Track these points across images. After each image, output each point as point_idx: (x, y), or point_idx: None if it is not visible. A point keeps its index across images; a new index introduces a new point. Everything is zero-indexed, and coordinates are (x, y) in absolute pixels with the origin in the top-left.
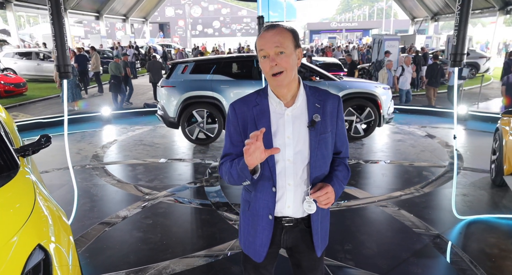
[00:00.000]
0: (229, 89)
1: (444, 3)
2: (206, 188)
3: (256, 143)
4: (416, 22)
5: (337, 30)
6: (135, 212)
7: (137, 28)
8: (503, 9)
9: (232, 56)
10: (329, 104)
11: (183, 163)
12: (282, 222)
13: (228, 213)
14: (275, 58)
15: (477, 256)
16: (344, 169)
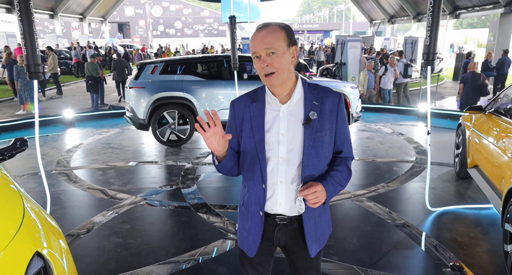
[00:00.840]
0: (200, 89)
1: (400, 6)
2: (182, 190)
3: (214, 128)
4: (374, 24)
5: (299, 31)
6: (111, 217)
7: (95, 27)
8: (453, 13)
9: (203, 56)
10: (328, 102)
11: (156, 166)
12: (276, 219)
13: (208, 214)
14: (266, 59)
15: (450, 245)
16: (344, 169)
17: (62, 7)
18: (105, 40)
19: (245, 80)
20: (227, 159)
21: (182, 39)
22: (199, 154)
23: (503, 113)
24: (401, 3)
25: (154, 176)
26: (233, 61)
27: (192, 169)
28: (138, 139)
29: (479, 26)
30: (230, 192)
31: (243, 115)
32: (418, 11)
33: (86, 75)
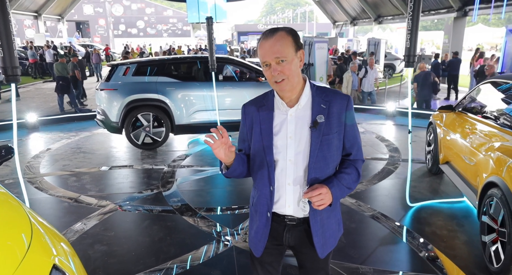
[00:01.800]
0: (175, 91)
1: (361, 9)
2: (164, 193)
3: (221, 139)
4: (337, 25)
5: None
6: (92, 225)
7: (50, 26)
8: None
9: (177, 57)
10: (336, 105)
11: (133, 170)
12: (285, 220)
13: (193, 218)
14: (277, 67)
15: (431, 238)
16: (352, 171)
17: (14, 4)
18: (62, 39)
19: (220, 82)
20: (234, 167)
21: (145, 39)
22: (176, 156)
23: (472, 111)
24: (363, 6)
25: (133, 180)
26: (210, 62)
27: (171, 172)
28: (110, 142)
29: (433, 28)
30: (213, 195)
31: (252, 119)
32: (379, 13)
33: (56, 76)
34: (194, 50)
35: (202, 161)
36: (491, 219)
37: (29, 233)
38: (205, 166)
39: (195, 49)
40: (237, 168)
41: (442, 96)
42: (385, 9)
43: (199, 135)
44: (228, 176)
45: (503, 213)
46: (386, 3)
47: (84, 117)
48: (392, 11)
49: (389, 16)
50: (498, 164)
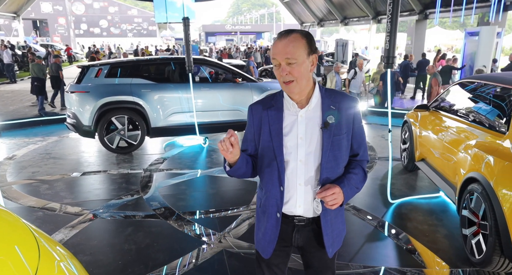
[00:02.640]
0: (151, 93)
1: (328, 10)
2: (144, 198)
3: (230, 148)
4: (305, 26)
5: (232, 32)
6: (72, 234)
7: (4, 24)
8: (375, 18)
9: (152, 59)
10: (344, 106)
11: (109, 175)
12: (294, 220)
13: (179, 222)
14: (286, 68)
15: (414, 234)
16: (360, 171)
17: None
18: (18, 38)
19: (197, 83)
20: (238, 165)
21: (109, 38)
22: (154, 160)
23: (447, 110)
24: (329, 7)
25: (110, 186)
26: (187, 63)
27: (150, 177)
28: (81, 147)
29: None
30: (196, 198)
31: (261, 120)
32: (345, 15)
33: (32, 77)
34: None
35: (181, 164)
36: (472, 213)
37: (36, 251)
38: (185, 169)
39: (172, 50)
40: (241, 167)
41: (408, 95)
42: (350, 11)
43: (175, 138)
44: (231, 174)
45: (484, 207)
46: (351, 5)
47: (51, 121)
48: (358, 13)
49: (354, 18)
50: (476, 160)
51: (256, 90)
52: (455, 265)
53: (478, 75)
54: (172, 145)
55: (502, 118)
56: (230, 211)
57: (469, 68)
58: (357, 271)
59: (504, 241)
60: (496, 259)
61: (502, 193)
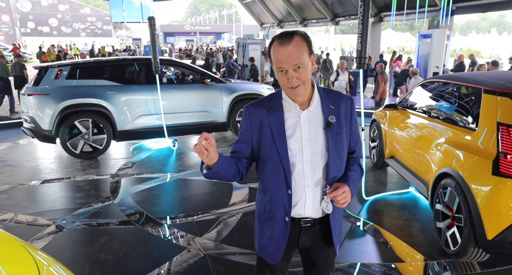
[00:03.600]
0: (116, 95)
1: (287, 12)
2: (117, 205)
3: (204, 151)
4: (265, 27)
5: (191, 33)
6: (41, 246)
7: None
8: (333, 20)
9: (116, 59)
10: (343, 105)
11: (76, 182)
12: (301, 223)
13: (156, 228)
14: (294, 74)
15: (391, 229)
16: (358, 168)
17: None
18: None
19: (165, 84)
20: (217, 168)
21: (60, 38)
22: (122, 165)
23: (414, 108)
24: (288, 9)
25: (77, 193)
26: (154, 64)
27: (119, 182)
28: (39, 153)
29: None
30: (171, 203)
31: (260, 123)
32: (304, 16)
33: None
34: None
35: (151, 167)
36: (445, 206)
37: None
38: (156, 172)
39: (134, 50)
40: (220, 171)
41: (368, 95)
42: (309, 13)
43: (143, 141)
44: (208, 177)
45: (459, 201)
46: (310, 6)
47: (2, 126)
48: (316, 15)
49: (313, 20)
50: (448, 156)
51: (225, 91)
52: (431, 257)
53: (445, 75)
54: (140, 148)
55: (471, 116)
56: (209, 214)
57: (423, 69)
58: (342, 269)
59: (479, 232)
60: (471, 250)
61: (475, 187)
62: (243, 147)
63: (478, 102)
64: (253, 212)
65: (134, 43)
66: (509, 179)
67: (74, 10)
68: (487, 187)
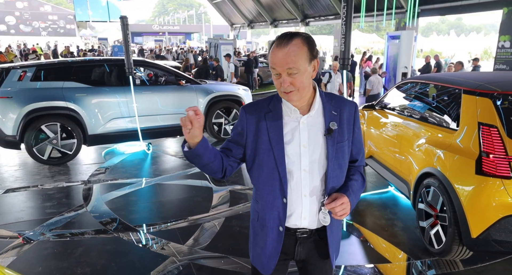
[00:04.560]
0: (87, 97)
1: (258, 12)
2: (91, 213)
3: (188, 124)
4: (235, 28)
5: (159, 32)
6: (9, 261)
7: None
8: (304, 21)
9: (87, 60)
10: (346, 111)
11: (45, 190)
12: (297, 233)
13: (135, 236)
14: (287, 79)
15: (374, 229)
16: (359, 178)
17: None
18: None
19: (138, 86)
20: (198, 151)
21: (19, 37)
22: (94, 170)
23: (392, 109)
24: (259, 9)
25: (47, 202)
26: (127, 65)
27: (92, 189)
28: (1, 159)
29: (317, 33)
30: (149, 209)
31: (257, 126)
32: (274, 17)
33: None
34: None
35: (126, 172)
36: (429, 206)
37: None
38: (131, 178)
39: (99, 50)
40: (202, 155)
41: None
42: (279, 13)
43: (115, 145)
44: (189, 159)
45: (442, 200)
46: (280, 7)
47: None
48: (286, 16)
49: (284, 20)
50: (429, 156)
51: (201, 93)
52: (416, 256)
53: (423, 75)
54: (112, 153)
55: (451, 116)
56: (190, 220)
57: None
58: None
59: (463, 231)
60: (456, 248)
61: (459, 187)
62: (234, 148)
63: (458, 103)
64: (235, 216)
65: (101, 43)
66: (491, 178)
67: (33, 7)
68: (471, 186)
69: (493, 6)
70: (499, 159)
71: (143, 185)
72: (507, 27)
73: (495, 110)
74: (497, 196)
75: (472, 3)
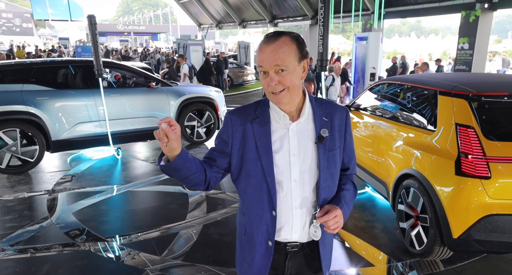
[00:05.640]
0: (50, 101)
1: (226, 13)
2: (57, 225)
3: (164, 138)
4: (203, 28)
5: (125, 32)
6: None
7: None
8: (272, 21)
9: (46, 61)
10: (337, 118)
11: (4, 202)
12: (287, 247)
13: (107, 249)
14: (275, 77)
15: (354, 231)
16: (351, 187)
17: None
18: None
19: (106, 89)
20: (177, 165)
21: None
22: (59, 178)
23: (367, 110)
24: (227, 10)
25: (7, 215)
26: (96, 67)
27: (58, 199)
28: None
29: None
30: (121, 219)
31: (243, 133)
32: (243, 18)
33: None
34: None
35: (95, 180)
36: (409, 207)
37: None
38: (100, 185)
39: (59, 51)
40: (181, 169)
41: None
42: (248, 14)
43: (81, 151)
44: (167, 173)
45: (423, 201)
46: (248, 8)
47: None
48: (255, 16)
49: (252, 21)
50: (408, 157)
51: (172, 95)
52: (398, 258)
53: (398, 76)
54: (79, 159)
55: (428, 117)
56: (166, 230)
57: (361, 70)
58: None
59: (445, 232)
60: (437, 249)
61: (439, 188)
62: (218, 157)
63: (435, 104)
64: (214, 223)
65: (61, 43)
66: (471, 178)
67: None
68: (451, 187)
69: (452, 9)
70: (477, 160)
71: (113, 193)
72: (466, 30)
73: (471, 111)
74: (476, 197)
75: (433, 7)
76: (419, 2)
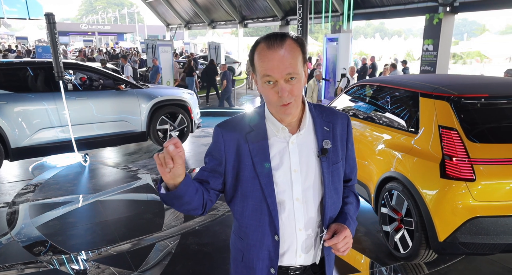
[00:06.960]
0: (7, 106)
1: (194, 13)
2: (20, 242)
3: (169, 162)
4: (171, 28)
5: (88, 32)
6: None
7: None
8: (242, 22)
9: (1, 63)
10: (338, 126)
11: None
12: (289, 271)
13: (79, 266)
14: (286, 86)
15: None
16: (354, 200)
17: None
18: None
19: (70, 92)
20: (182, 192)
21: None
22: (21, 189)
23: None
24: (196, 10)
25: None
26: (56, 69)
27: (19, 211)
28: None
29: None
30: (91, 231)
31: (237, 149)
32: (212, 18)
33: None
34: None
35: (60, 189)
36: (392, 210)
37: None
38: (66, 195)
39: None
40: (184, 195)
41: None
42: (217, 15)
43: (45, 158)
44: (168, 204)
45: (408, 204)
46: (218, 8)
47: None
48: (225, 17)
49: (222, 21)
50: (391, 160)
51: (143, 98)
52: (383, 262)
53: (378, 78)
54: (42, 167)
55: (410, 119)
56: (141, 242)
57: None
58: None
59: (431, 235)
60: (422, 252)
61: (424, 191)
62: (212, 178)
63: (416, 106)
64: (192, 232)
65: (20, 42)
66: (456, 181)
67: None
68: (436, 190)
69: (416, 12)
70: (462, 162)
71: (81, 203)
72: (430, 32)
73: (453, 113)
74: (461, 199)
75: (398, 9)
76: (385, 4)
